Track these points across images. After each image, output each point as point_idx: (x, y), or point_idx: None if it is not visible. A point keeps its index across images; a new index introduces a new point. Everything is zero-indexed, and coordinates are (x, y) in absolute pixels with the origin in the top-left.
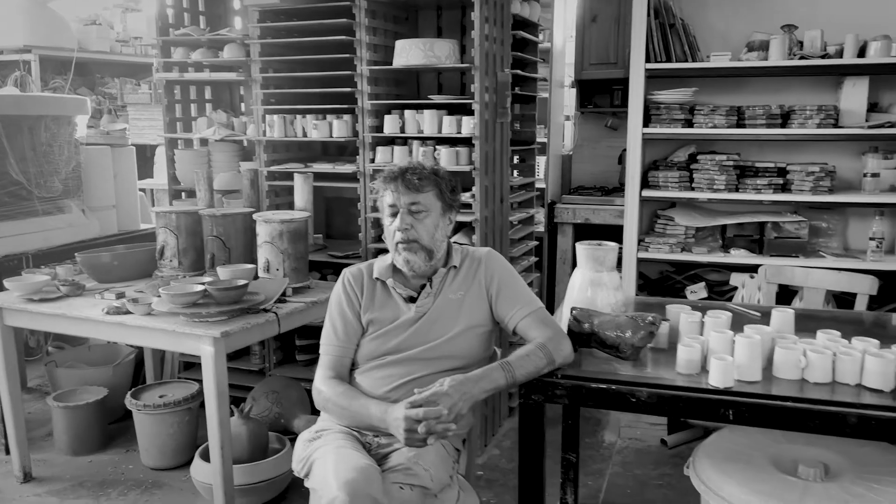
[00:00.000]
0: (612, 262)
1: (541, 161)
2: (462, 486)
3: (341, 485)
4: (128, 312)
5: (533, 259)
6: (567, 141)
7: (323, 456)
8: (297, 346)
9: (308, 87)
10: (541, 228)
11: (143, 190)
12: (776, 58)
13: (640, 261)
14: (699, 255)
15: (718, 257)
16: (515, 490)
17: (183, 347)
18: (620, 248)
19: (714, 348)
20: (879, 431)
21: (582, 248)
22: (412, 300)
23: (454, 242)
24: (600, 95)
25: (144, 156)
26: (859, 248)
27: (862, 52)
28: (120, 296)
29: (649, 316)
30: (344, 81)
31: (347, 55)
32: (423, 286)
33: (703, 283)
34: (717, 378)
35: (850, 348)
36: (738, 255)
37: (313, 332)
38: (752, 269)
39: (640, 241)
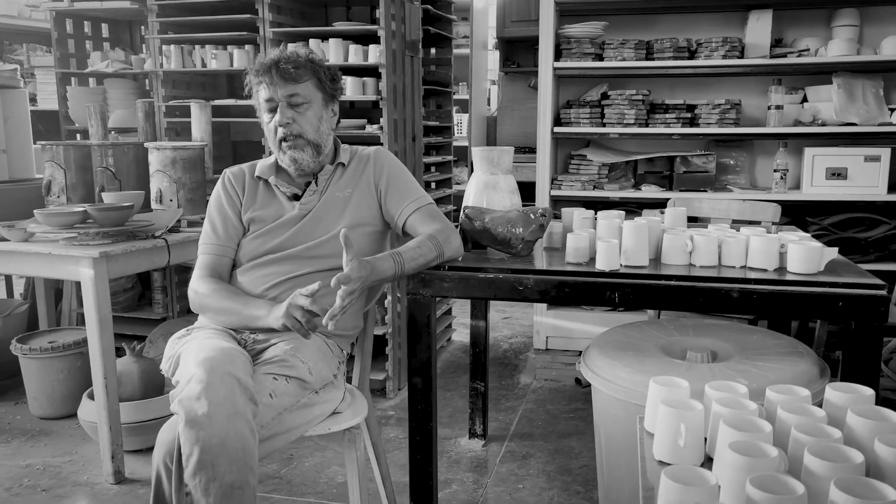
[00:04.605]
0: (508, 165)
1: (464, 119)
2: (351, 392)
3: (199, 362)
4: (3, 240)
5: (451, 208)
6: (493, 104)
7: (188, 349)
8: None
9: (207, 14)
10: (465, 187)
11: None
12: None
13: (554, 201)
14: (611, 192)
15: (629, 193)
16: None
17: (61, 272)
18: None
19: (602, 234)
20: (761, 306)
21: (477, 150)
22: (296, 198)
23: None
24: (523, 55)
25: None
26: (766, 184)
27: None
28: None
29: (540, 209)
30: (245, 8)
31: None
32: (308, 184)
33: None
34: (603, 261)
35: (737, 234)
36: (649, 191)
37: None
38: (662, 205)
39: (553, 179)
